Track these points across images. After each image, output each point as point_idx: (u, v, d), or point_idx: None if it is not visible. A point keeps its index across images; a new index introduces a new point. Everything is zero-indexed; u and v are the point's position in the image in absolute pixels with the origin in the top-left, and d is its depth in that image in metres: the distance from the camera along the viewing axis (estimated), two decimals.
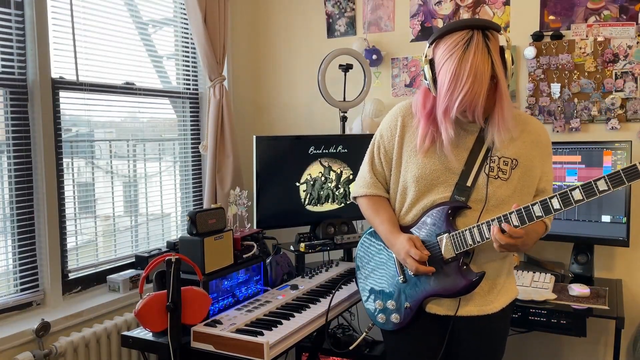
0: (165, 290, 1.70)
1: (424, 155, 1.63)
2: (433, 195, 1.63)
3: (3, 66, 2.00)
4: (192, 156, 2.95)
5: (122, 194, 2.57)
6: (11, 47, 2.02)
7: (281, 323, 1.83)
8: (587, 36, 2.49)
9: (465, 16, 2.73)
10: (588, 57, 2.50)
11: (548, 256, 2.59)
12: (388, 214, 1.73)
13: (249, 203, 2.36)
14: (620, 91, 2.45)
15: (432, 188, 1.64)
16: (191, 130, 2.94)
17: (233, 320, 1.84)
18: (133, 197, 2.62)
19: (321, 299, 2.08)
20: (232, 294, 2.03)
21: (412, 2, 2.84)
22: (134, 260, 2.49)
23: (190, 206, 2.94)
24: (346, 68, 2.79)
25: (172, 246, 2.38)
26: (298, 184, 2.57)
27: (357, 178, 1.84)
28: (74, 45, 2.24)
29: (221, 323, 1.80)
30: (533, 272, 2.36)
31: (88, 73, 2.32)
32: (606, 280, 2.43)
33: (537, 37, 2.59)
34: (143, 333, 1.82)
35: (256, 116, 3.28)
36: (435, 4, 2.79)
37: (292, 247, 2.53)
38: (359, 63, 2.77)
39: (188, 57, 2.91)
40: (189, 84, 2.93)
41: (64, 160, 2.23)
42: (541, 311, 2.09)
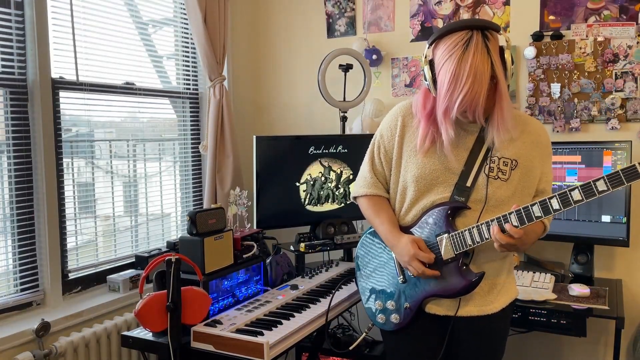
0: (165, 290, 1.70)
1: (424, 155, 1.63)
2: (433, 195, 1.63)
3: (3, 66, 2.00)
4: (192, 156, 2.95)
5: (122, 194, 2.57)
6: (11, 47, 2.02)
7: (281, 323, 1.83)
8: (587, 36, 2.49)
9: (465, 16, 2.73)
10: (588, 57, 2.50)
11: (548, 256, 2.59)
12: (388, 214, 1.73)
13: (249, 203, 2.36)
14: (620, 91, 2.45)
15: (432, 188, 1.64)
16: (191, 130, 2.94)
17: (233, 320, 1.84)
18: (133, 197, 2.62)
19: (321, 299, 2.08)
20: (232, 294, 2.03)
21: (412, 2, 2.84)
22: (134, 260, 2.49)
23: (190, 206, 2.95)
24: (346, 68, 2.79)
25: (172, 246, 2.38)
26: (298, 184, 2.57)
27: (358, 178, 1.84)
28: (74, 45, 2.24)
29: (221, 323, 1.80)
30: (533, 272, 2.36)
31: (88, 73, 2.32)
32: (606, 280, 2.43)
33: (537, 37, 2.59)
34: (143, 333, 1.82)
35: (256, 116, 3.28)
36: (435, 4, 2.79)
37: (292, 247, 2.53)
38: (359, 63, 2.77)
39: (188, 57, 2.91)
40: (189, 84, 2.93)
41: (64, 160, 2.23)
42: (541, 311, 2.09)
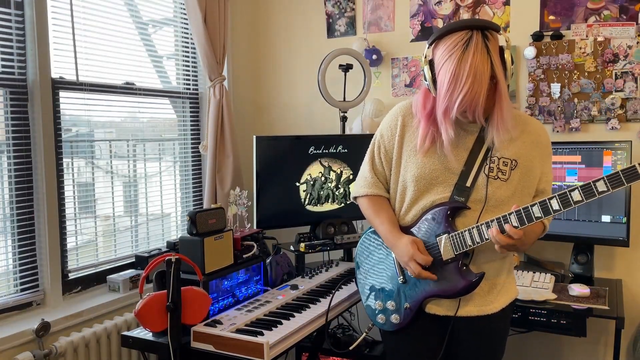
0: (165, 290, 1.70)
1: (424, 155, 1.63)
2: (432, 195, 1.63)
3: (3, 66, 2.00)
4: (192, 156, 2.95)
5: (122, 194, 2.57)
6: (11, 47, 2.02)
7: (281, 323, 1.83)
8: (587, 36, 2.49)
9: (465, 16, 2.73)
10: (588, 57, 2.50)
11: (548, 256, 2.59)
12: (388, 214, 1.73)
13: (249, 203, 2.36)
14: (620, 91, 2.45)
15: (432, 188, 1.64)
16: (191, 130, 2.94)
17: (233, 320, 1.84)
18: (133, 197, 2.62)
19: (321, 299, 2.08)
20: (232, 294, 2.03)
21: (412, 2, 2.84)
22: (134, 260, 2.49)
23: (190, 206, 2.95)
24: (346, 68, 2.79)
25: (172, 246, 2.38)
26: (298, 184, 2.57)
27: (358, 178, 1.84)
28: (74, 45, 2.24)
29: (221, 323, 1.80)
30: (533, 272, 2.36)
31: (88, 73, 2.32)
32: (606, 280, 2.43)
33: (537, 37, 2.59)
34: (143, 333, 1.82)
35: (256, 116, 3.28)
36: (435, 4, 2.79)
37: (292, 247, 2.53)
38: (359, 63, 2.77)
39: (188, 57, 2.91)
40: (189, 84, 2.93)
41: (64, 160, 2.23)
42: (541, 311, 2.09)
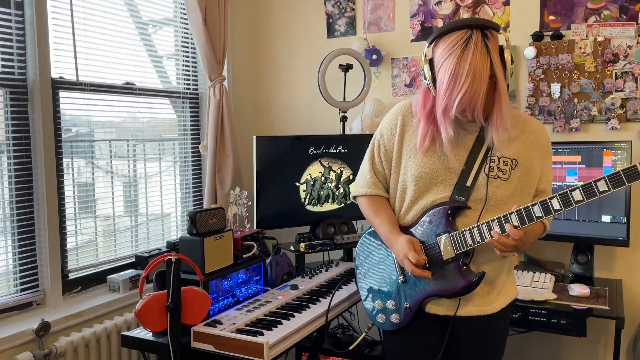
0: (165, 290, 1.70)
1: (424, 154, 1.63)
2: (433, 195, 1.63)
3: (3, 66, 2.00)
4: (192, 156, 2.95)
5: (122, 194, 2.57)
6: (11, 47, 2.02)
7: (281, 323, 1.83)
8: (587, 36, 2.49)
9: (465, 16, 2.73)
10: (588, 57, 2.50)
11: (548, 256, 2.59)
12: (388, 214, 1.73)
13: (249, 203, 2.36)
14: (620, 91, 2.45)
15: (432, 188, 1.63)
16: (191, 130, 2.94)
17: (233, 320, 1.84)
18: (133, 197, 2.62)
19: (321, 299, 2.08)
20: (232, 294, 2.03)
21: (412, 2, 2.84)
22: (134, 260, 2.49)
23: (190, 206, 2.95)
24: (346, 68, 2.79)
25: (172, 246, 2.38)
26: (298, 184, 2.57)
27: (357, 177, 1.84)
28: (74, 45, 2.24)
29: (221, 323, 1.80)
30: (533, 272, 2.36)
31: (88, 73, 2.32)
32: (606, 280, 2.43)
33: (537, 37, 2.59)
34: (143, 333, 1.82)
35: (256, 116, 3.28)
36: (435, 4, 2.79)
37: (292, 247, 2.53)
38: (359, 63, 2.77)
39: (188, 57, 2.91)
40: (189, 84, 2.93)
41: (64, 160, 2.23)
42: (541, 311, 2.09)
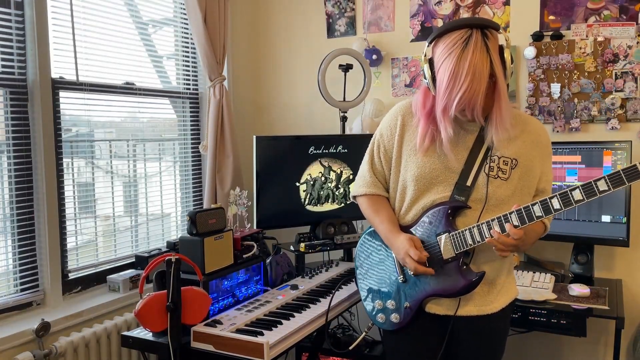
0: (165, 290, 1.70)
1: (424, 154, 1.63)
2: (433, 194, 1.63)
3: (3, 66, 2.00)
4: (192, 156, 2.95)
5: (122, 194, 2.57)
6: (11, 47, 2.02)
7: (281, 323, 1.83)
8: (587, 36, 2.49)
9: (465, 16, 2.73)
10: (588, 57, 2.50)
11: (548, 256, 2.59)
12: (388, 213, 1.73)
13: (249, 203, 2.36)
14: (620, 91, 2.45)
15: (432, 187, 1.63)
16: (191, 130, 2.94)
17: (233, 320, 1.84)
18: (133, 197, 2.62)
19: (321, 299, 2.08)
20: (232, 294, 2.03)
21: (412, 2, 2.84)
22: (134, 260, 2.49)
23: (190, 206, 2.95)
24: (346, 68, 2.79)
25: (172, 246, 2.38)
26: (298, 184, 2.57)
27: (357, 177, 1.84)
28: (74, 45, 2.24)
29: (221, 323, 1.80)
30: (533, 272, 2.36)
31: (88, 73, 2.32)
32: (606, 280, 2.43)
33: (537, 37, 2.59)
34: (143, 333, 1.82)
35: (256, 116, 3.28)
36: (435, 4, 2.79)
37: (292, 247, 2.53)
38: (359, 63, 2.77)
39: (188, 57, 2.91)
40: (189, 84, 2.93)
41: (64, 160, 2.23)
42: (541, 311, 2.09)
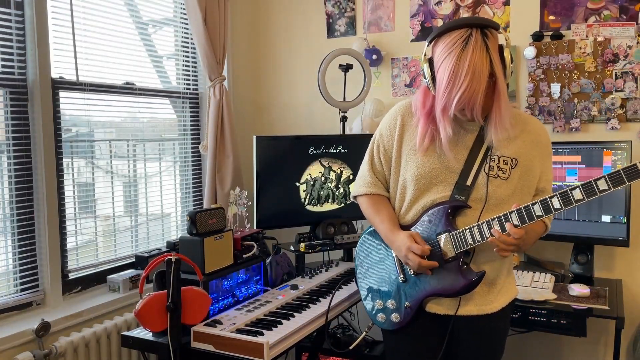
0: (165, 290, 1.70)
1: (424, 154, 1.64)
2: (433, 194, 1.63)
3: (3, 66, 2.00)
4: (192, 156, 2.95)
5: (122, 194, 2.57)
6: (11, 47, 2.02)
7: (281, 323, 1.83)
8: (587, 36, 2.49)
9: (465, 16, 2.73)
10: (588, 57, 2.50)
11: (548, 256, 2.59)
12: (388, 213, 1.73)
13: (249, 203, 2.36)
14: (620, 91, 2.45)
15: (432, 187, 1.64)
16: (191, 130, 2.94)
17: (233, 320, 1.84)
18: (133, 197, 2.62)
19: (321, 299, 2.08)
20: (232, 294, 2.03)
21: (412, 2, 2.84)
22: (134, 260, 2.49)
23: (190, 206, 2.94)
24: (346, 68, 2.79)
25: (172, 246, 2.38)
26: (298, 184, 2.57)
27: (357, 177, 1.84)
28: (74, 45, 2.24)
29: (221, 323, 1.80)
30: (533, 272, 2.36)
31: (88, 73, 2.32)
32: (606, 280, 2.43)
33: (537, 37, 2.59)
34: (143, 333, 1.82)
35: (256, 116, 3.28)
36: (435, 4, 2.79)
37: (292, 247, 2.53)
38: (359, 63, 2.77)
39: (188, 57, 2.91)
40: (189, 84, 2.93)
41: (64, 160, 2.23)
42: (541, 311, 2.09)
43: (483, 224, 1.55)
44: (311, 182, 2.59)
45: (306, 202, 2.60)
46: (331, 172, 2.63)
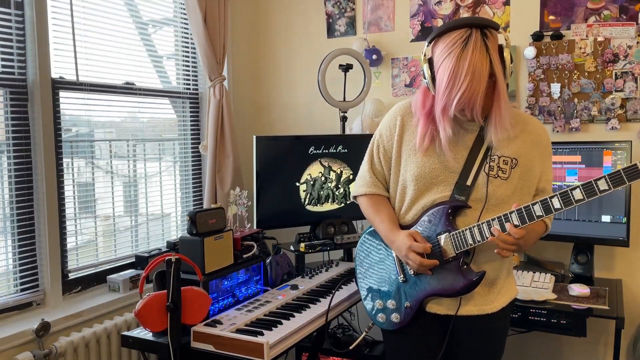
0: (165, 290, 1.70)
1: (424, 154, 1.64)
2: (433, 194, 1.63)
3: (3, 66, 2.00)
4: (192, 156, 2.95)
5: (122, 194, 2.57)
6: (11, 47, 2.02)
7: (281, 323, 1.83)
8: (587, 36, 2.49)
9: (465, 16, 2.73)
10: (588, 57, 2.50)
11: (548, 256, 2.59)
12: (388, 213, 1.73)
13: (249, 203, 2.36)
14: (620, 91, 2.45)
15: (432, 187, 1.64)
16: (191, 130, 2.94)
17: (233, 320, 1.84)
18: (133, 197, 2.62)
19: (321, 299, 2.08)
20: (232, 294, 2.03)
21: (412, 2, 2.84)
22: (134, 260, 2.49)
23: (190, 206, 2.94)
24: (346, 68, 2.79)
25: (172, 246, 2.38)
26: (298, 184, 2.57)
27: (357, 177, 1.84)
28: (74, 45, 2.24)
29: (221, 323, 1.80)
30: (533, 272, 2.36)
31: (88, 73, 2.32)
32: (606, 280, 2.43)
33: (537, 37, 2.59)
34: (143, 333, 1.82)
35: (256, 116, 3.28)
36: (435, 4, 2.79)
37: (292, 247, 2.53)
38: (359, 63, 2.77)
39: (188, 57, 2.91)
40: (189, 84, 2.93)
41: (64, 160, 2.23)
42: (541, 311, 2.09)
43: (483, 224, 1.54)
44: (311, 182, 2.59)
45: (306, 202, 2.60)
46: (331, 172, 2.63)
